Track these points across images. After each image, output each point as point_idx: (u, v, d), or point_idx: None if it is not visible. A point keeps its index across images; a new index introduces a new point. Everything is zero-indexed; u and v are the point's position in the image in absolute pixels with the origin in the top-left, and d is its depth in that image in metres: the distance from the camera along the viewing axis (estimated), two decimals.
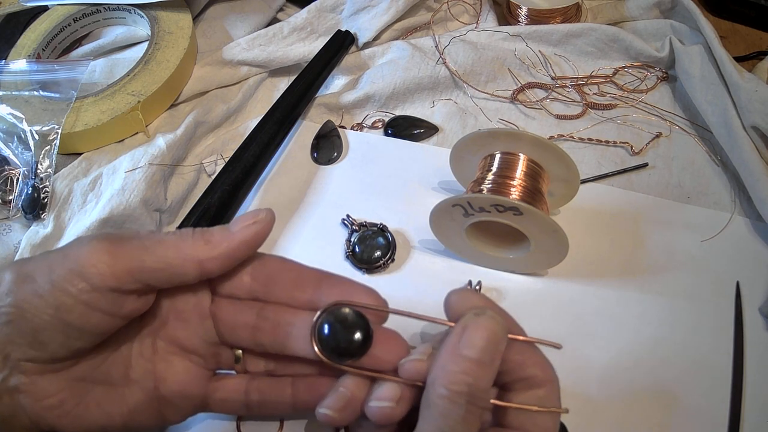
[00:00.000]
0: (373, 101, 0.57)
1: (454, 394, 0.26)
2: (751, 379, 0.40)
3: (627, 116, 0.56)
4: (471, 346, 0.27)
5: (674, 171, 0.52)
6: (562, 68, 0.60)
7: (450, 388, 0.26)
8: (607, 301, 0.44)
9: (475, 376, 0.26)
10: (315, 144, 0.54)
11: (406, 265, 0.46)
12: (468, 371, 0.26)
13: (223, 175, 0.48)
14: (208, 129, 0.55)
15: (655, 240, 0.47)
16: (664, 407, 0.39)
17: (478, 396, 0.27)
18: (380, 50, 0.60)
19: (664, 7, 0.62)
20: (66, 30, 0.62)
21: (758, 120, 0.48)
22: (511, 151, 0.42)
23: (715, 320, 0.43)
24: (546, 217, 0.39)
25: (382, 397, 0.29)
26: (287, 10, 0.67)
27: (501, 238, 0.44)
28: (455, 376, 0.26)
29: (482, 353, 0.27)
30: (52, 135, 0.50)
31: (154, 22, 0.59)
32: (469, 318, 0.28)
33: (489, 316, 0.28)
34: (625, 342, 0.42)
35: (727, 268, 0.45)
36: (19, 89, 0.54)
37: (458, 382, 0.26)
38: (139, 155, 0.50)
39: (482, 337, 0.27)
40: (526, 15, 0.62)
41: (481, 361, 0.27)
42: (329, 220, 0.49)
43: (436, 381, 0.27)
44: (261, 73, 0.60)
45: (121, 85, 0.54)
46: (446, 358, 0.27)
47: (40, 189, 0.49)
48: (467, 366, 0.27)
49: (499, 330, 0.27)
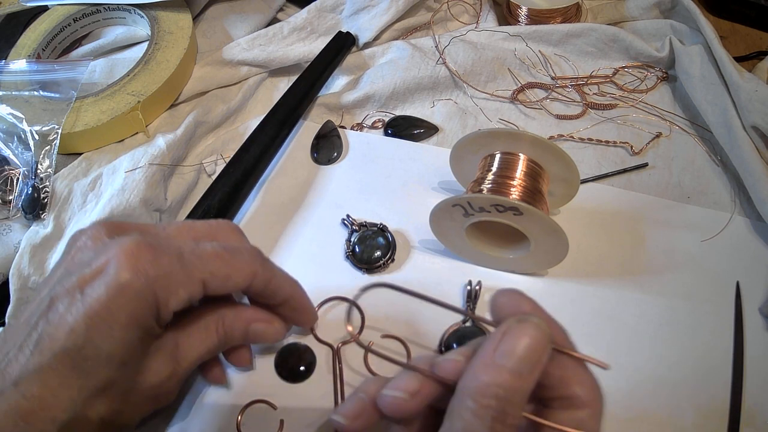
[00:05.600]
0: (373, 101, 0.57)
1: (481, 408, 0.24)
2: (751, 379, 0.40)
3: (627, 116, 0.56)
4: (509, 354, 0.24)
5: (674, 171, 0.52)
6: (562, 68, 0.60)
7: (478, 401, 0.24)
8: (607, 301, 0.44)
9: (508, 389, 0.24)
10: (315, 144, 0.54)
11: (406, 265, 0.46)
12: (501, 383, 0.24)
13: (223, 176, 0.48)
14: (208, 129, 0.55)
15: (655, 240, 0.47)
16: (664, 407, 0.39)
17: (509, 412, 0.24)
18: (380, 50, 0.60)
19: (664, 7, 0.62)
20: (66, 30, 0.62)
21: (758, 120, 0.48)
22: (511, 151, 0.42)
23: (715, 320, 0.43)
24: (546, 217, 0.39)
25: (397, 387, 0.27)
26: (287, 10, 0.67)
27: (501, 238, 0.44)
28: (486, 387, 0.24)
29: (520, 363, 0.24)
30: (52, 135, 0.51)
31: (154, 22, 0.59)
32: (511, 323, 0.25)
33: (534, 323, 0.25)
34: (625, 342, 0.42)
35: (727, 268, 0.45)
36: (19, 89, 0.54)
37: (488, 394, 0.24)
38: (139, 155, 0.50)
39: (523, 345, 0.24)
40: (526, 15, 0.62)
41: (517, 373, 0.24)
42: (329, 220, 0.49)
43: (465, 390, 0.25)
44: (261, 73, 0.60)
45: (121, 85, 0.54)
46: (479, 365, 0.25)
47: (40, 189, 0.49)
48: (502, 377, 0.24)
49: (543, 339, 0.25)
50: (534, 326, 0.25)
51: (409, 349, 0.42)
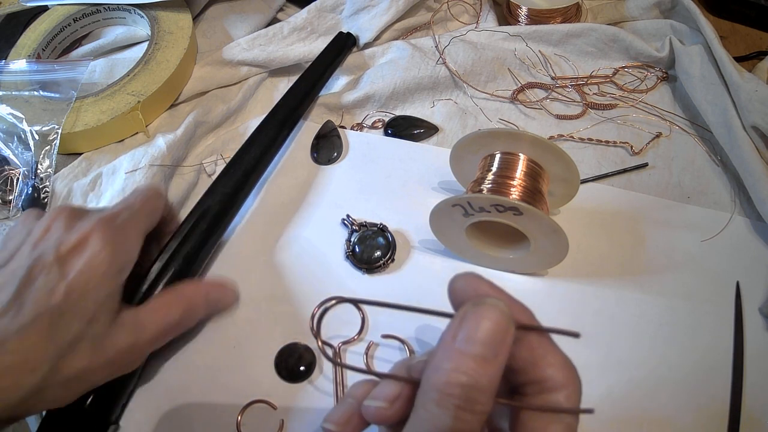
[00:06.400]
0: (373, 101, 0.57)
1: (445, 396, 0.23)
2: (751, 379, 0.40)
3: (627, 116, 0.56)
4: (469, 339, 0.23)
5: (674, 171, 0.52)
6: (562, 68, 0.60)
7: (441, 389, 0.23)
8: (607, 301, 0.44)
9: (472, 375, 0.23)
10: (315, 144, 0.54)
11: (406, 265, 0.46)
12: (465, 370, 0.23)
13: (223, 177, 0.48)
14: (208, 129, 0.55)
15: (655, 240, 0.47)
16: (664, 407, 0.39)
17: (477, 399, 0.23)
18: (380, 50, 0.60)
19: (664, 7, 0.62)
20: (66, 30, 0.62)
21: (758, 120, 0.48)
22: (511, 151, 0.42)
23: (715, 320, 0.43)
24: (546, 217, 0.39)
25: (377, 396, 0.27)
26: (287, 10, 0.67)
27: (501, 238, 0.44)
28: (448, 375, 0.23)
29: (483, 348, 0.23)
30: (52, 135, 0.51)
31: (154, 22, 0.59)
32: (468, 307, 0.24)
33: (492, 305, 0.24)
34: (625, 342, 0.42)
35: (727, 268, 0.45)
36: (19, 89, 0.54)
37: (452, 382, 0.23)
38: (139, 156, 0.50)
39: (484, 328, 0.23)
40: (526, 15, 0.63)
41: (481, 357, 0.23)
42: (329, 220, 0.49)
43: (427, 381, 0.24)
44: (261, 73, 0.60)
45: (121, 85, 0.54)
46: (440, 354, 0.24)
47: (40, 189, 0.49)
48: (465, 364, 0.23)
49: (503, 320, 0.23)
50: (492, 308, 0.24)
51: (412, 348, 0.42)
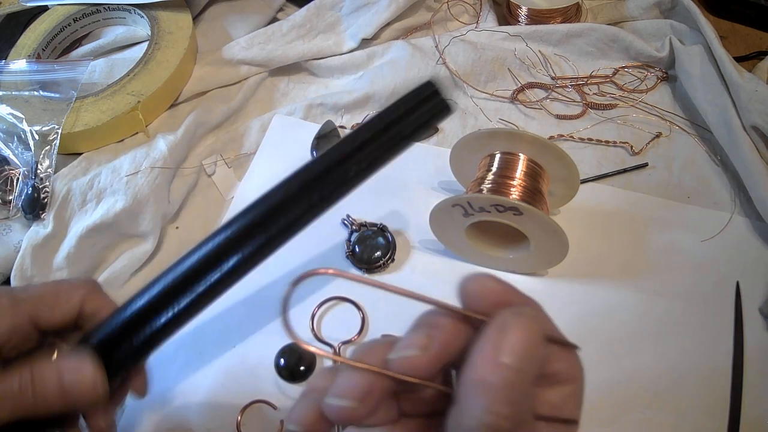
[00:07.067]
0: (373, 101, 0.57)
1: (499, 418, 0.21)
2: (751, 379, 0.40)
3: (627, 116, 0.56)
4: (510, 352, 0.22)
5: (674, 171, 0.52)
6: (562, 68, 0.60)
7: (494, 410, 0.21)
8: (607, 301, 0.44)
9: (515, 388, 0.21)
10: (315, 144, 0.54)
11: (406, 265, 0.46)
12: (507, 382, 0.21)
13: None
14: (208, 129, 0.55)
15: (655, 240, 0.47)
16: (664, 407, 0.39)
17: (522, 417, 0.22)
18: (380, 50, 0.60)
19: (664, 7, 0.62)
20: (66, 30, 0.62)
21: (758, 120, 0.48)
22: (511, 151, 0.42)
23: (715, 320, 0.43)
24: (546, 217, 0.39)
25: (341, 393, 0.23)
26: (287, 10, 0.67)
27: (501, 238, 0.44)
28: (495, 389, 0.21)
29: (522, 360, 0.22)
30: (52, 135, 0.51)
31: (154, 22, 0.59)
32: (507, 318, 0.23)
33: (531, 317, 0.23)
34: (625, 342, 0.42)
35: (727, 268, 0.45)
36: (19, 89, 0.54)
37: (499, 399, 0.21)
38: (140, 157, 0.50)
39: (523, 340, 0.22)
40: (526, 15, 0.62)
41: (521, 370, 0.21)
42: (329, 220, 0.49)
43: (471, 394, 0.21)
44: (261, 72, 0.60)
45: (121, 85, 0.54)
46: (483, 365, 0.22)
47: (40, 189, 0.49)
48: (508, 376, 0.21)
49: (539, 331, 0.23)
50: (532, 319, 0.23)
51: None
